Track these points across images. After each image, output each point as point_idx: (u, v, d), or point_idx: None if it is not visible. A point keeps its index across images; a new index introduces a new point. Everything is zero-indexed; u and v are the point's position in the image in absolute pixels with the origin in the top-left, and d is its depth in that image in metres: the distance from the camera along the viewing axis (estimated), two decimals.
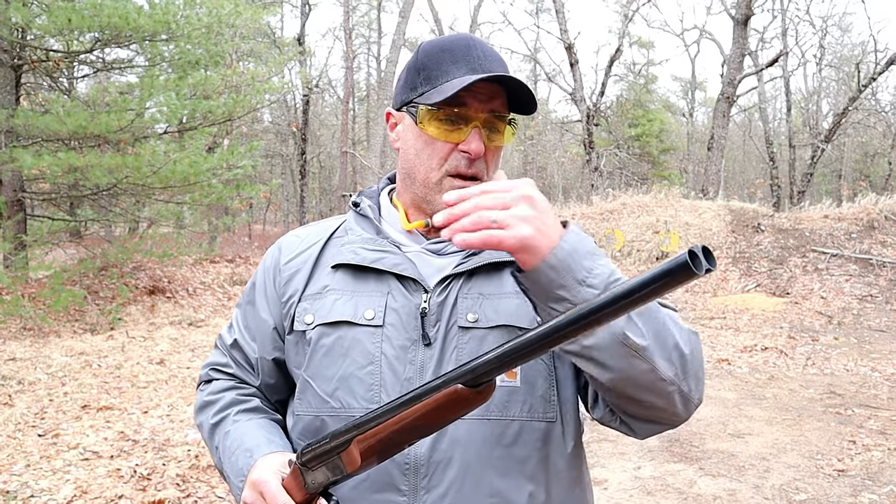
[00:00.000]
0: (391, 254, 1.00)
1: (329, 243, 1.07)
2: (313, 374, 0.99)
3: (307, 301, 1.02)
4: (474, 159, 0.97)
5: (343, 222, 1.10)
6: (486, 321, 0.96)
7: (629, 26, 21.35)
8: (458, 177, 0.98)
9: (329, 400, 0.97)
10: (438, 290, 0.98)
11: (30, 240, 8.40)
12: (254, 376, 1.10)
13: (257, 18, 10.95)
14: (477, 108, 0.97)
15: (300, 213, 21.43)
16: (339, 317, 0.98)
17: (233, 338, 1.11)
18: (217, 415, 1.07)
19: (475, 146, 0.96)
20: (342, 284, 1.01)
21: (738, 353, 7.43)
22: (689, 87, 33.39)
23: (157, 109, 8.88)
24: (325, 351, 0.98)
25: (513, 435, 0.94)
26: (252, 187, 10.73)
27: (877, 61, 19.91)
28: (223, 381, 1.11)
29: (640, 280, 0.60)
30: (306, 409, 1.00)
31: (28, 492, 3.42)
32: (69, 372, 5.78)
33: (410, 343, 0.96)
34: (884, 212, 12.12)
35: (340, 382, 0.97)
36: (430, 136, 0.98)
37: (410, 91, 1.00)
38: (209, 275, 10.98)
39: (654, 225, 12.94)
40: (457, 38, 1.02)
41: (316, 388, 0.99)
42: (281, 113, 26.28)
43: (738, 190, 32.62)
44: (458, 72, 0.97)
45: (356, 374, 0.96)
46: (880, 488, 3.84)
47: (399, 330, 0.96)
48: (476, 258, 1.00)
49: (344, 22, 19.37)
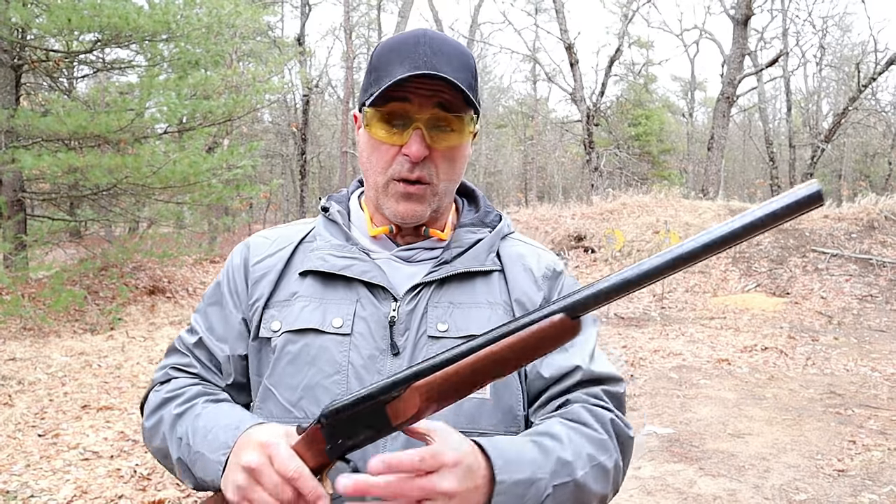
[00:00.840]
0: (360, 261, 0.98)
1: (298, 248, 1.04)
2: (276, 383, 0.95)
3: (275, 308, 0.99)
4: (415, 162, 0.93)
5: (313, 227, 1.07)
6: (456, 331, 0.94)
7: (629, 26, 21.35)
8: (403, 181, 0.95)
9: (292, 409, 0.93)
10: (408, 299, 0.96)
11: (30, 240, 8.40)
12: (220, 377, 1.03)
13: (257, 18, 10.96)
14: (419, 108, 0.92)
15: (300, 213, 21.43)
16: (307, 324, 0.95)
17: (197, 337, 1.04)
18: (182, 405, 0.97)
19: (414, 149, 0.92)
20: (311, 291, 0.98)
21: (738, 353, 7.43)
22: (689, 87, 33.39)
23: (157, 109, 8.89)
24: (290, 358, 0.95)
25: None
26: (252, 187, 10.73)
27: (877, 61, 19.92)
28: (185, 379, 1.02)
29: (769, 211, 0.63)
30: (267, 419, 0.93)
31: (28, 492, 3.42)
32: (69, 372, 5.78)
33: (378, 352, 0.93)
34: (884, 212, 12.12)
35: (305, 391, 0.93)
36: (375, 139, 0.95)
37: (363, 92, 0.98)
38: (209, 275, 10.98)
39: (654, 225, 12.94)
40: (409, 34, 0.96)
41: (278, 397, 0.94)
42: (281, 113, 26.28)
43: (738, 190, 32.63)
44: (400, 70, 0.91)
45: (322, 382, 0.92)
46: (880, 488, 3.84)
47: (367, 339, 0.94)
48: (447, 267, 0.98)
49: (344, 22, 19.37)
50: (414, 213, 0.97)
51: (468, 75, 0.95)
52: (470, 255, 1.00)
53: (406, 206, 0.96)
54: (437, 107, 0.93)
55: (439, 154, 0.95)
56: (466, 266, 0.98)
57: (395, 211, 0.97)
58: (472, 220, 1.07)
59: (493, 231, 1.05)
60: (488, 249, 1.02)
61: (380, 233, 1.01)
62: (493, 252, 1.03)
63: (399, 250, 1.01)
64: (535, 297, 1.01)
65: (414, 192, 0.96)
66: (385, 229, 1.01)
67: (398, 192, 0.96)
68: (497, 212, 1.11)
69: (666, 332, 8.59)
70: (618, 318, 9.46)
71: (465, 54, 0.96)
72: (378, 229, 1.02)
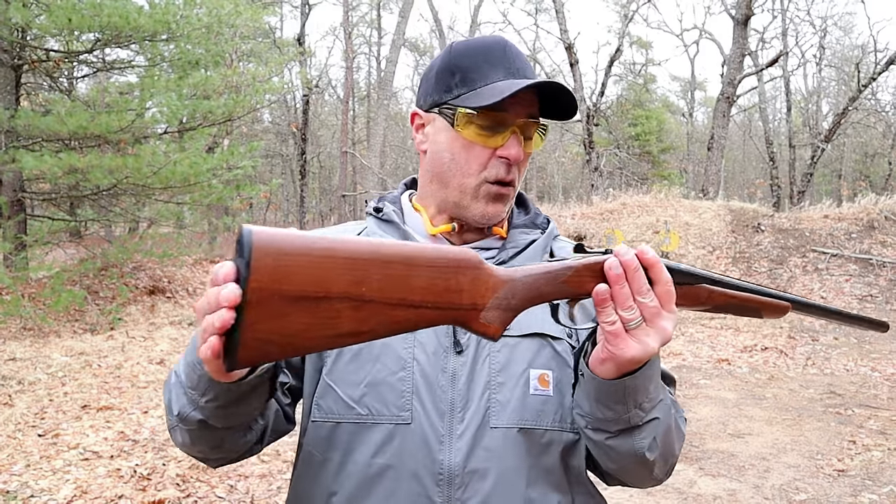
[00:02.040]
0: None
1: None
2: (337, 379, 0.95)
3: None
4: (512, 165, 0.97)
5: (364, 229, 1.07)
6: (518, 328, 0.95)
7: (629, 26, 21.35)
8: (498, 183, 0.98)
9: (355, 406, 0.93)
10: None
11: (30, 240, 8.40)
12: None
13: (257, 18, 10.95)
14: (515, 114, 0.95)
15: (300, 213, 21.42)
16: None
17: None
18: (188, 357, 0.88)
19: (514, 152, 0.95)
20: None
21: (738, 353, 7.43)
22: (689, 87, 33.39)
23: (157, 110, 8.89)
24: (352, 355, 0.95)
25: (543, 445, 0.94)
26: (252, 187, 10.73)
27: (877, 61, 19.91)
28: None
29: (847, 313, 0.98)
30: (326, 416, 0.94)
31: (28, 492, 3.42)
32: (69, 372, 5.78)
33: (442, 350, 0.94)
34: (884, 212, 12.11)
35: (370, 388, 0.93)
36: (467, 140, 0.96)
37: (444, 92, 0.98)
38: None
39: (654, 225, 12.94)
40: (492, 39, 1.00)
41: (339, 393, 0.94)
42: (281, 113, 26.29)
43: (738, 190, 32.62)
44: (496, 75, 0.96)
45: (387, 379, 0.93)
46: (880, 488, 3.84)
47: (431, 336, 0.95)
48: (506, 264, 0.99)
49: (344, 22, 19.36)
50: (500, 214, 1.00)
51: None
52: (526, 256, 1.02)
53: (495, 207, 0.99)
54: (529, 115, 0.97)
55: (524, 161, 1.00)
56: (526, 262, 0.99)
57: (484, 212, 0.99)
58: (524, 221, 1.09)
59: (544, 233, 1.07)
60: (543, 250, 1.04)
61: (441, 231, 1.02)
62: (547, 253, 1.05)
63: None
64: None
65: (505, 193, 0.99)
66: (448, 227, 1.02)
67: (490, 193, 0.98)
68: (545, 215, 1.13)
69: None
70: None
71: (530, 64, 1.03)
72: (439, 228, 1.02)
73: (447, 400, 0.92)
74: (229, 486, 3.63)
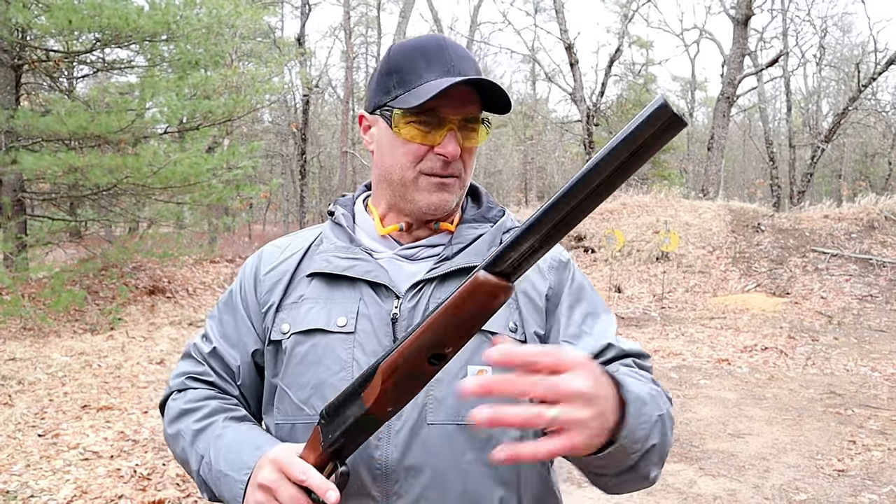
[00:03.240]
0: (363, 261, 1.01)
1: (307, 253, 1.07)
2: (289, 383, 0.98)
3: (284, 311, 1.02)
4: (450, 161, 0.97)
5: (321, 232, 1.10)
6: None
7: (629, 26, 21.35)
8: (435, 176, 0.99)
9: (304, 407, 0.96)
10: (410, 296, 0.98)
11: (30, 240, 8.40)
12: (233, 385, 1.07)
13: (257, 19, 10.96)
14: (451, 111, 0.96)
15: (300, 213, 21.43)
16: (313, 325, 0.98)
17: (211, 346, 1.08)
18: (202, 421, 1.01)
19: (451, 149, 0.96)
20: (316, 293, 1.01)
21: (738, 353, 7.43)
22: (689, 86, 33.39)
23: (157, 110, 8.89)
24: (299, 359, 0.98)
25: (484, 440, 0.93)
26: (252, 187, 10.73)
27: (877, 61, 19.92)
28: (202, 390, 1.07)
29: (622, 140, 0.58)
30: (283, 418, 0.99)
31: (28, 492, 3.42)
32: (69, 372, 5.78)
33: (382, 349, 0.95)
34: (884, 212, 12.12)
35: (314, 389, 0.96)
36: (405, 139, 0.98)
37: (384, 94, 1.00)
38: (209, 275, 10.98)
39: (654, 225, 12.94)
40: (428, 38, 1.00)
41: (292, 396, 0.98)
42: (281, 113, 26.29)
43: (738, 190, 32.63)
44: (431, 74, 0.96)
45: (329, 380, 0.95)
46: (880, 488, 3.84)
47: (371, 336, 0.96)
48: (448, 263, 1.00)
49: (344, 22, 19.37)
50: (446, 203, 1.00)
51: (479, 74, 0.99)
52: (471, 251, 1.01)
53: (440, 195, 1.00)
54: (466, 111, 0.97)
55: (466, 153, 1.00)
56: (468, 261, 0.99)
57: (429, 202, 1.00)
58: (473, 215, 1.08)
59: (494, 225, 1.06)
60: (489, 244, 1.03)
61: (390, 231, 1.04)
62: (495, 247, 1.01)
63: (401, 249, 1.04)
64: (541, 286, 1.03)
65: (448, 183, 0.99)
66: (395, 227, 1.04)
67: (431, 183, 0.99)
68: (501, 207, 1.12)
69: (666, 332, 8.59)
70: (618, 317, 9.45)
71: (474, 59, 1.02)
72: (388, 228, 1.04)
73: None
74: None
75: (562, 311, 1.03)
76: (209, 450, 0.97)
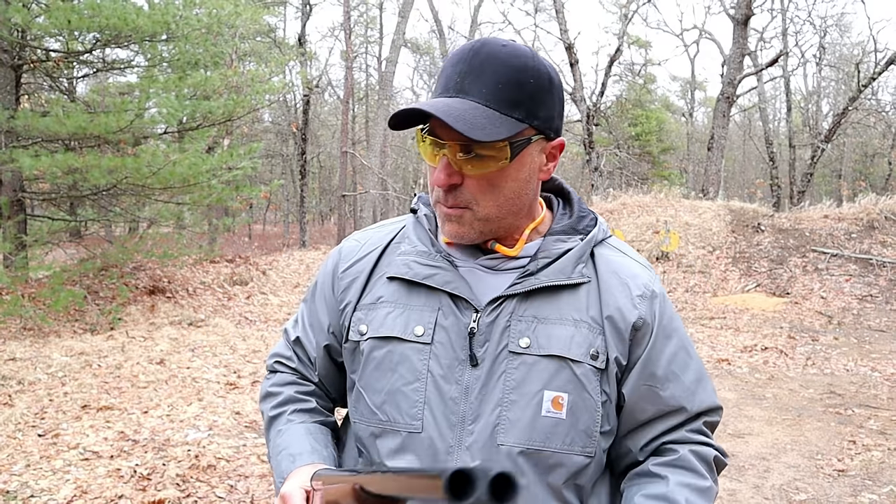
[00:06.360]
0: (444, 270, 0.97)
1: (387, 251, 1.05)
2: (365, 385, 1.00)
3: (362, 311, 1.02)
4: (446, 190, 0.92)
5: (403, 227, 1.08)
6: (537, 347, 0.93)
7: (628, 26, 21.35)
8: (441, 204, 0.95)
9: (377, 412, 0.98)
10: (489, 310, 0.95)
11: (30, 240, 8.40)
12: (313, 372, 1.12)
13: (257, 19, 10.96)
14: (445, 133, 0.89)
15: (300, 213, 21.42)
16: (390, 332, 0.97)
17: (296, 334, 1.13)
18: (276, 409, 1.09)
19: (437, 176, 0.90)
20: (395, 297, 0.99)
21: (738, 353, 7.42)
22: (689, 87, 33.39)
23: (156, 110, 8.88)
24: (375, 364, 0.98)
25: (549, 465, 0.93)
26: (252, 188, 10.73)
27: (877, 61, 19.92)
28: (286, 375, 1.14)
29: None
30: (360, 419, 1.01)
31: (28, 492, 3.42)
32: (69, 372, 5.78)
33: (458, 362, 0.94)
34: (884, 212, 12.11)
35: (388, 396, 0.96)
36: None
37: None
38: (209, 275, 10.98)
39: (654, 225, 12.94)
40: (465, 45, 0.92)
41: (367, 400, 0.99)
42: (281, 113, 26.28)
43: (738, 190, 32.63)
44: (436, 90, 0.92)
45: (402, 389, 0.95)
46: (880, 488, 3.84)
47: (447, 348, 0.95)
48: (532, 279, 0.95)
49: (344, 22, 19.36)
50: (458, 235, 0.96)
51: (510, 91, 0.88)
52: (556, 268, 0.96)
53: (450, 226, 0.95)
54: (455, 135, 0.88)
55: (473, 182, 0.91)
56: (552, 279, 0.95)
57: (443, 231, 0.98)
58: (563, 226, 1.02)
59: (584, 239, 1.00)
60: (576, 261, 0.98)
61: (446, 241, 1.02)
62: (583, 263, 0.99)
63: (485, 259, 0.99)
64: (630, 315, 0.97)
65: (452, 215, 0.94)
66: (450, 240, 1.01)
67: (442, 212, 0.96)
68: (593, 214, 1.06)
69: None
70: None
71: (514, 67, 0.88)
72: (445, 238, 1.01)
73: (458, 412, 0.93)
74: (229, 485, 3.63)
75: (650, 345, 0.98)
76: (271, 441, 1.07)
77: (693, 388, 1.00)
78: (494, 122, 0.86)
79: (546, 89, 0.91)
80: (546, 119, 0.92)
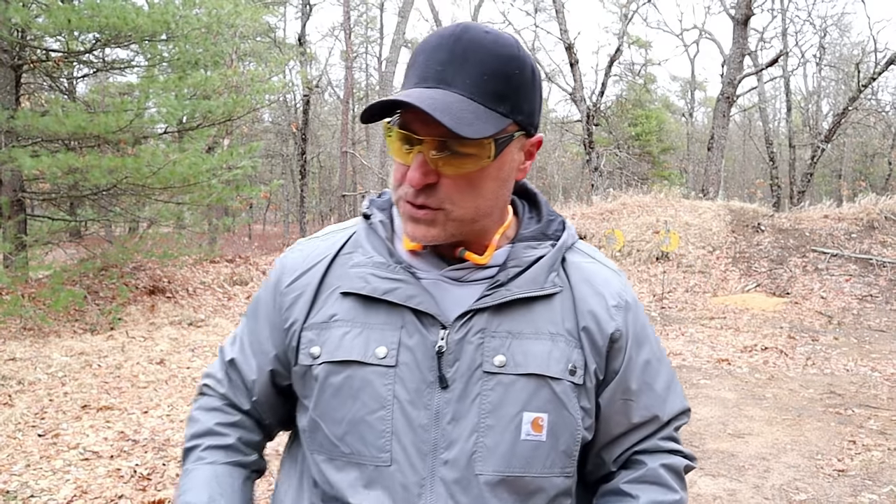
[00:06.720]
0: (405, 283, 0.87)
1: (335, 262, 0.94)
2: (322, 415, 0.89)
3: (311, 331, 0.91)
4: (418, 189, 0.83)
5: (352, 235, 0.96)
6: (514, 366, 0.86)
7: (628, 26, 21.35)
8: (409, 204, 0.85)
9: (338, 444, 0.88)
10: (458, 327, 0.86)
11: (30, 240, 8.40)
12: (246, 398, 1.01)
13: (257, 18, 10.95)
14: (421, 128, 0.81)
15: (300, 213, 21.43)
16: (348, 355, 0.87)
17: (232, 355, 1.02)
18: (192, 440, 1.00)
19: (411, 174, 0.82)
20: (351, 315, 0.89)
21: (738, 353, 7.43)
22: (689, 87, 33.40)
23: (156, 110, 8.88)
24: (333, 391, 0.88)
25: (529, 492, 0.88)
26: (252, 188, 10.72)
27: (877, 61, 19.93)
28: (212, 399, 1.03)
29: None
30: (317, 449, 0.91)
31: (28, 492, 3.42)
32: (69, 372, 5.78)
33: (425, 385, 0.86)
34: (884, 212, 12.12)
35: (350, 426, 0.87)
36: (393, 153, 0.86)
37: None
38: (209, 275, 10.98)
39: (654, 225, 12.94)
40: (443, 30, 0.83)
41: (325, 430, 0.89)
42: (281, 113, 26.30)
43: (738, 190, 32.64)
44: (411, 79, 0.83)
45: (366, 419, 0.86)
46: (880, 488, 3.84)
47: (413, 370, 0.86)
48: (503, 291, 0.87)
49: (344, 22, 19.36)
50: (426, 236, 0.86)
51: (496, 83, 0.81)
52: (528, 277, 0.89)
53: (415, 228, 0.85)
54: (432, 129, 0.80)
55: (450, 182, 0.83)
56: (524, 290, 0.88)
57: (406, 232, 0.87)
58: (533, 231, 0.94)
59: (555, 245, 0.93)
60: (549, 269, 0.91)
61: (414, 247, 0.92)
62: (555, 271, 0.92)
63: (449, 270, 0.90)
64: (608, 327, 0.92)
65: (421, 217, 0.85)
66: (418, 246, 0.91)
67: (406, 212, 0.86)
68: (560, 218, 0.98)
69: (666, 332, 8.59)
70: None
71: (500, 57, 0.81)
72: (412, 245, 0.91)
73: (429, 440, 0.85)
74: None
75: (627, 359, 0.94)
76: (180, 479, 0.98)
77: (664, 396, 0.97)
78: (481, 118, 0.79)
79: (530, 82, 0.85)
80: (529, 114, 0.86)
